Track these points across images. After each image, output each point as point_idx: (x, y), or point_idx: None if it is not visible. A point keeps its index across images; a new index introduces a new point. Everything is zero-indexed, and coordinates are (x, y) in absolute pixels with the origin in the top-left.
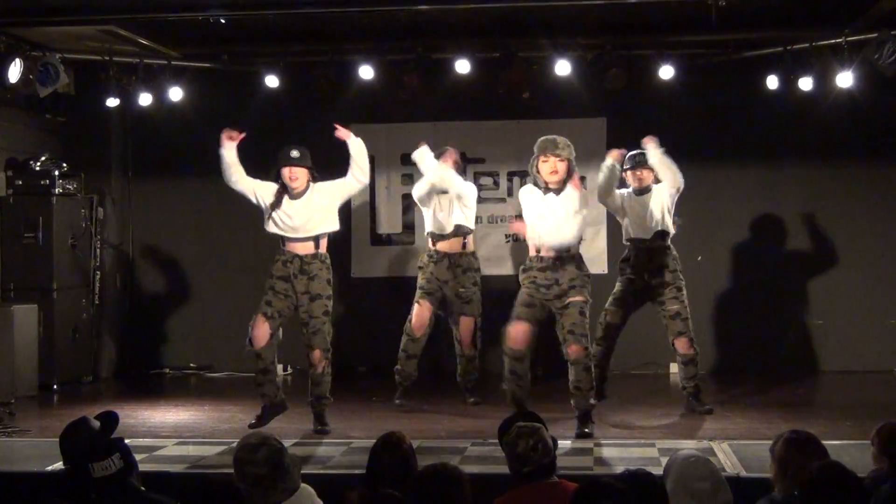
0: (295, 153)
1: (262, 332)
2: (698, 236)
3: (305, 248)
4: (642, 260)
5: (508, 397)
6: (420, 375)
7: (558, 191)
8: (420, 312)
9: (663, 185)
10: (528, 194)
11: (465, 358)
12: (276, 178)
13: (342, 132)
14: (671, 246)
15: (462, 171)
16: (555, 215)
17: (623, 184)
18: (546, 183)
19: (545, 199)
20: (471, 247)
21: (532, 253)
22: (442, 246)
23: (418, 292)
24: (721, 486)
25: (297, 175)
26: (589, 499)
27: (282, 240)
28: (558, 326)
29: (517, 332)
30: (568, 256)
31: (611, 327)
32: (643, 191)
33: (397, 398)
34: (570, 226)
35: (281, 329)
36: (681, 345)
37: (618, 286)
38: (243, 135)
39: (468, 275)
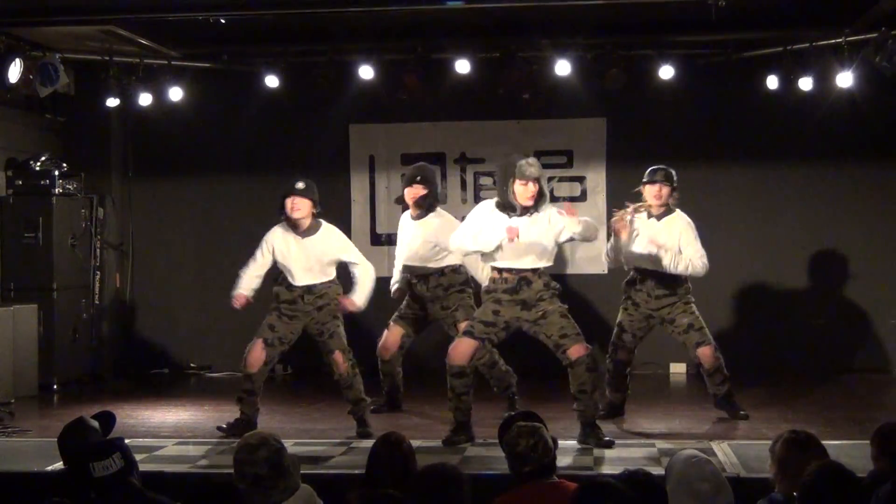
0: (300, 184)
1: (256, 357)
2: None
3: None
4: (650, 286)
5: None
6: (420, 376)
7: (529, 212)
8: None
9: (682, 221)
10: (490, 213)
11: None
12: (280, 210)
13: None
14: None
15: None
16: (528, 237)
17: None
18: (521, 206)
19: (513, 221)
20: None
21: (494, 275)
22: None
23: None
24: (722, 487)
25: (299, 206)
26: (589, 499)
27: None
28: (542, 338)
29: (464, 345)
30: (534, 273)
31: (621, 364)
32: (662, 214)
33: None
34: (543, 247)
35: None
36: (704, 355)
37: (623, 315)
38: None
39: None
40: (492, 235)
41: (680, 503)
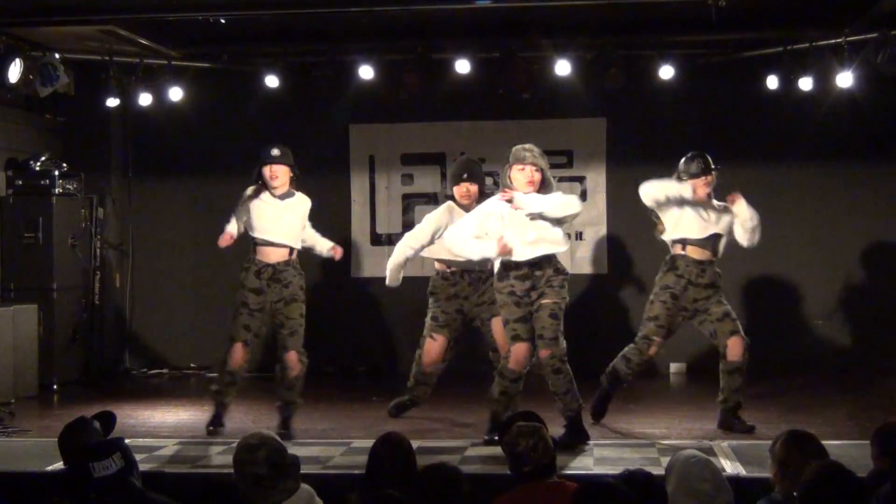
0: (276, 151)
1: (239, 356)
2: None
3: (279, 256)
4: (694, 274)
5: (490, 415)
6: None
7: None
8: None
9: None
10: (493, 210)
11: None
12: (257, 178)
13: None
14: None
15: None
16: (531, 224)
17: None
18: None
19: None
20: None
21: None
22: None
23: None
24: (722, 487)
25: (277, 174)
26: (589, 499)
27: (255, 245)
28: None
29: (521, 352)
30: (545, 260)
31: (647, 361)
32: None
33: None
34: (551, 236)
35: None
36: (733, 347)
37: (660, 308)
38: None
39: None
40: (483, 247)
41: (680, 503)
